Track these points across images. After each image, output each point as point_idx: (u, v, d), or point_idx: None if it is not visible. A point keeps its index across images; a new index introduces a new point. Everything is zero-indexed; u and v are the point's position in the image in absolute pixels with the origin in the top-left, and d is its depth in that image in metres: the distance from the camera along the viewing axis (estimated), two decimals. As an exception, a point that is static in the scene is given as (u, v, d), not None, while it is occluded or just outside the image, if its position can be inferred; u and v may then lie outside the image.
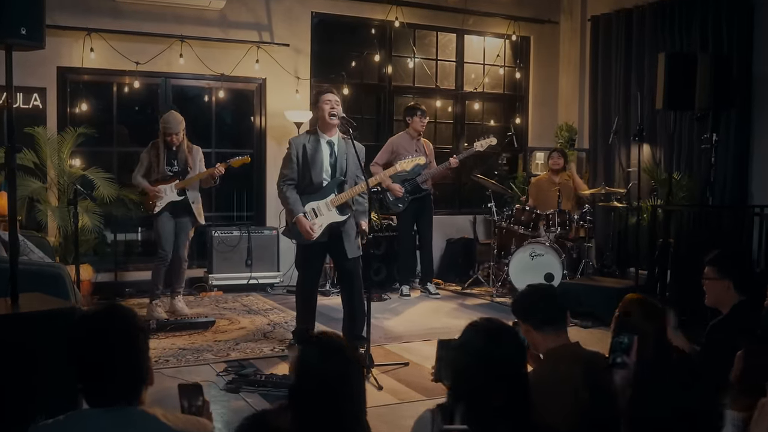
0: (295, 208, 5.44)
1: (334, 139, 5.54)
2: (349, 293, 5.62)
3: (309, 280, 5.71)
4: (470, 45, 9.99)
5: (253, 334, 6.25)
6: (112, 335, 2.16)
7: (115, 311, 2.25)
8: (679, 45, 8.41)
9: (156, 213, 6.83)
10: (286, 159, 5.58)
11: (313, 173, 5.46)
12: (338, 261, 5.64)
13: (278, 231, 8.49)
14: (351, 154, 5.55)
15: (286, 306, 7.55)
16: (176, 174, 6.88)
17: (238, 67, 8.38)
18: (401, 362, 5.40)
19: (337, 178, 5.51)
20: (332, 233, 5.50)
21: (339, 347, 2.29)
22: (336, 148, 5.54)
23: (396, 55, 9.52)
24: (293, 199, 5.46)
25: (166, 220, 6.87)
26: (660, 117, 8.73)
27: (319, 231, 5.46)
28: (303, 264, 5.69)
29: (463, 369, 2.46)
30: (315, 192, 5.49)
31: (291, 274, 8.49)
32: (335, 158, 5.52)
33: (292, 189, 5.49)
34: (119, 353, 2.15)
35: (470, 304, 7.85)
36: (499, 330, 2.59)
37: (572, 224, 8.26)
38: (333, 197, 5.46)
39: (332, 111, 5.41)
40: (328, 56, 9.17)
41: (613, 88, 9.39)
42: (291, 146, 5.54)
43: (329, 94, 5.48)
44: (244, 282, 8.28)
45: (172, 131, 6.77)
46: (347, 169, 5.53)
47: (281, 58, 8.62)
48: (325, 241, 5.52)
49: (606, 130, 9.55)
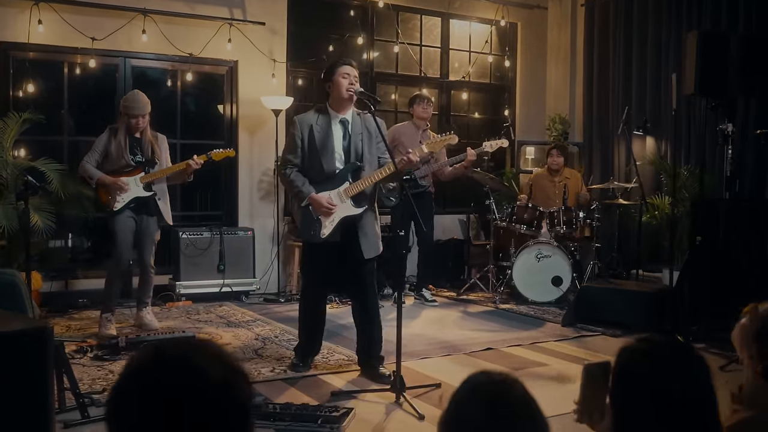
0: (304, 188, 4.54)
1: (348, 116, 4.66)
2: (362, 304, 4.72)
3: (316, 288, 4.82)
4: (456, 31, 9.22)
5: (243, 352, 5.31)
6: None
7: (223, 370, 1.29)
8: (687, 28, 7.79)
9: (115, 210, 5.77)
10: (289, 142, 4.66)
11: (323, 159, 4.56)
12: (350, 265, 4.72)
13: (253, 232, 7.54)
14: (369, 134, 4.68)
15: (269, 317, 6.63)
16: (141, 165, 5.86)
17: (207, 47, 7.41)
18: (432, 384, 4.55)
19: (352, 163, 4.61)
20: (346, 230, 4.61)
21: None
22: (350, 127, 4.65)
23: (379, 39, 8.68)
24: (300, 180, 4.56)
25: (127, 220, 5.83)
26: (665, 107, 8.11)
27: (330, 227, 4.57)
28: (310, 268, 4.79)
29: (636, 406, 1.78)
30: (325, 181, 4.59)
31: (268, 281, 7.60)
32: (349, 140, 4.63)
33: (297, 172, 4.59)
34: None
35: (474, 312, 7.04)
36: (685, 352, 1.88)
37: (579, 223, 7.55)
38: (347, 186, 4.57)
39: (350, 87, 4.54)
40: (306, 38, 8.26)
41: (612, 78, 8.75)
42: (296, 126, 4.61)
43: (347, 66, 4.59)
44: (217, 290, 7.30)
45: (138, 112, 5.77)
46: (364, 152, 4.64)
47: (256, 38, 7.68)
48: (337, 241, 4.62)
49: (602, 122, 8.93)
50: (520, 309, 7.15)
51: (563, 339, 5.93)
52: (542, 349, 5.59)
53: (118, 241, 5.80)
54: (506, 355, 5.38)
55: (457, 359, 5.25)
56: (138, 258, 6.01)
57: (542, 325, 6.46)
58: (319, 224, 4.54)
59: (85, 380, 4.46)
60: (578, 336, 6.03)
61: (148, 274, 6.03)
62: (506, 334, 6.08)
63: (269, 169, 7.86)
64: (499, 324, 6.49)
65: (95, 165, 5.79)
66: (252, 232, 7.53)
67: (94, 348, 5.21)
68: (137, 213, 5.86)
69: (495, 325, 6.45)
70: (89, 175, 5.79)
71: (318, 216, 4.53)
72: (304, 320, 4.87)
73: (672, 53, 7.96)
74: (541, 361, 5.23)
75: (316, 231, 4.56)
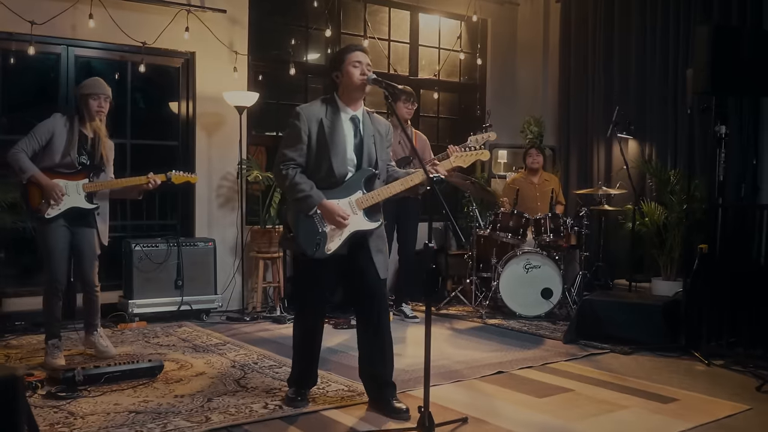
0: (313, 193, 3.79)
1: (359, 113, 3.99)
2: (375, 328, 4.02)
3: (314, 310, 4.09)
4: (425, 26, 8.63)
5: (222, 383, 4.56)
6: None
7: None
8: (674, 25, 7.41)
9: (48, 218, 4.86)
10: (291, 136, 3.91)
11: (334, 160, 3.85)
12: (359, 282, 4.02)
13: (214, 243, 6.77)
14: (381, 136, 4.03)
15: (238, 338, 5.89)
16: (86, 169, 4.99)
17: (162, 36, 6.62)
18: (458, 419, 3.90)
19: (365, 169, 3.93)
20: (355, 243, 3.93)
21: None
22: (362, 126, 3.98)
23: (346, 33, 8.01)
24: (307, 183, 3.81)
25: (60, 229, 4.93)
26: (650, 108, 7.71)
27: (338, 242, 3.88)
28: (307, 287, 4.05)
29: None
30: (333, 187, 3.89)
31: (229, 297, 6.85)
32: (361, 141, 3.94)
33: (301, 173, 3.88)
34: None
35: (463, 329, 6.44)
36: None
37: (566, 230, 7.05)
38: (360, 196, 3.89)
39: (363, 77, 3.88)
40: (269, 29, 7.54)
41: (591, 78, 8.30)
42: (301, 118, 3.89)
43: (359, 52, 3.93)
44: (174, 308, 6.50)
45: (102, 91, 4.93)
46: (377, 155, 3.98)
47: (216, 27, 6.93)
48: (344, 254, 3.93)
49: (579, 124, 8.47)
50: (510, 324, 6.58)
51: (573, 358, 5.38)
52: (556, 371, 5.02)
53: (52, 255, 4.91)
54: (522, 380, 4.79)
55: (471, 386, 4.63)
56: (79, 276, 5.17)
57: (542, 343, 5.91)
58: (324, 238, 3.84)
59: (43, 426, 3.65)
60: (588, 355, 5.49)
61: (93, 293, 5.17)
62: (508, 353, 5.50)
63: (230, 173, 7.10)
64: (496, 342, 5.90)
65: (30, 156, 4.81)
66: (213, 243, 6.76)
67: (45, 383, 4.38)
68: (72, 223, 4.98)
69: (491, 343, 5.86)
70: (21, 168, 4.77)
71: (324, 228, 3.84)
72: (301, 347, 4.14)
73: (658, 52, 7.56)
74: (564, 385, 4.65)
75: (320, 245, 3.85)
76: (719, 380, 4.85)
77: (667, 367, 5.19)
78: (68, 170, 4.91)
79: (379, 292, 3.97)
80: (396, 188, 3.89)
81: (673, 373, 5.00)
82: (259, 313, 6.81)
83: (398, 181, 3.91)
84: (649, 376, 4.93)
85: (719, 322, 5.51)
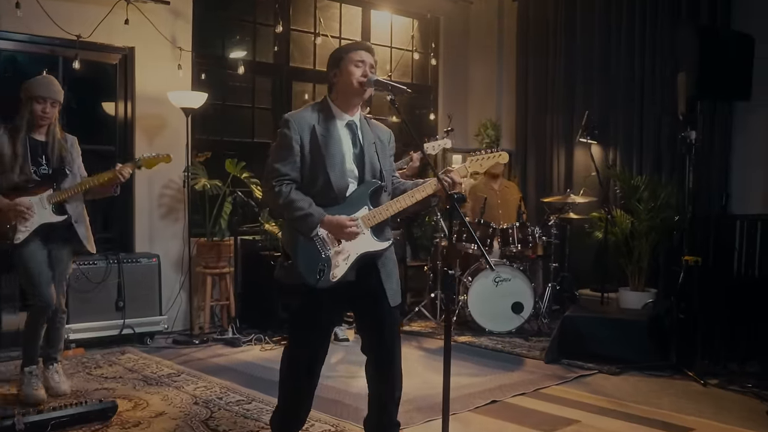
0: (313, 210, 3.23)
1: (356, 119, 3.46)
2: (388, 361, 3.43)
3: (311, 348, 3.44)
4: (377, 23, 8.17)
5: (189, 426, 3.98)
6: None
7: None
8: (641, 25, 7.17)
9: (17, 244, 4.24)
10: (282, 147, 3.34)
11: (331, 172, 3.31)
12: (369, 312, 3.43)
13: (159, 259, 6.13)
14: (382, 144, 3.52)
15: (192, 366, 5.30)
16: (48, 179, 4.36)
17: (99, 28, 5.94)
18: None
19: (370, 181, 3.40)
20: (363, 268, 3.39)
21: None
22: (360, 133, 3.46)
23: (296, 29, 7.46)
24: (305, 201, 3.25)
25: (39, 251, 4.33)
26: (615, 113, 7.46)
27: (344, 267, 3.30)
28: (310, 324, 3.40)
29: None
30: (333, 203, 3.33)
31: (174, 317, 6.23)
32: (361, 149, 3.41)
33: (297, 189, 3.32)
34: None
35: (434, 349, 6.00)
36: None
37: (535, 240, 6.72)
38: (366, 212, 3.34)
39: (363, 79, 3.36)
40: (213, 24, 6.92)
41: (551, 81, 8.00)
42: (291, 127, 3.33)
43: (362, 51, 3.38)
44: (115, 332, 5.83)
45: (49, 95, 4.31)
46: (381, 164, 3.47)
47: (158, 20, 6.29)
48: (352, 281, 3.40)
49: (539, 128, 8.16)
50: (481, 342, 6.19)
51: (564, 382, 5.01)
52: (552, 398, 4.64)
53: (35, 277, 4.30)
54: (520, 411, 4.37)
55: (468, 421, 4.20)
56: None
57: (523, 363, 5.53)
58: (328, 263, 3.27)
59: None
60: (577, 377, 5.14)
61: (58, 320, 4.55)
62: (493, 378, 5.09)
63: (173, 181, 6.47)
64: (474, 364, 5.49)
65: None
66: (157, 259, 6.11)
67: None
68: (47, 241, 4.38)
69: (470, 366, 5.44)
70: None
71: (327, 252, 3.28)
72: (292, 384, 3.52)
73: (623, 54, 7.31)
74: (567, 415, 4.27)
75: (324, 272, 3.27)
76: (723, 403, 4.56)
77: (663, 388, 4.89)
78: (29, 185, 4.29)
79: (392, 324, 3.43)
80: (407, 201, 3.37)
81: (673, 396, 4.69)
82: (209, 335, 6.20)
83: (408, 193, 3.39)
84: (649, 400, 4.60)
85: (711, 339, 5.24)
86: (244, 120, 7.26)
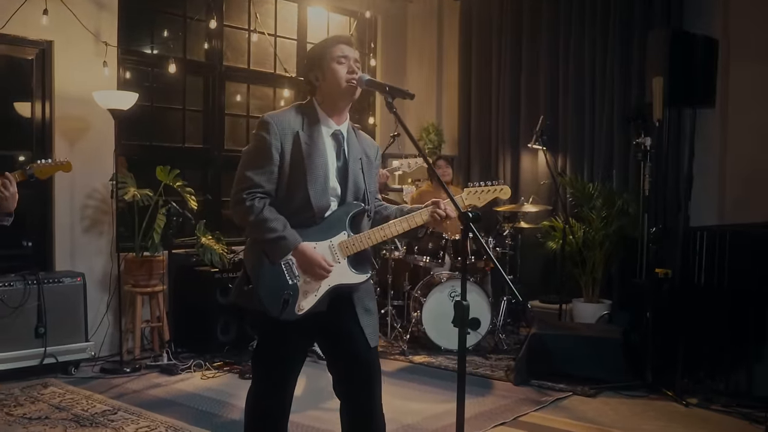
0: (288, 234, 2.75)
1: (343, 128, 2.99)
2: (366, 404, 2.94)
3: (279, 386, 2.96)
4: (314, 21, 7.68)
5: (140, 480, 3.44)
6: None
7: None
8: (590, 28, 6.97)
9: None
10: (258, 153, 2.82)
11: (312, 189, 2.82)
12: (343, 352, 2.93)
13: (84, 278, 5.48)
14: (369, 160, 3.04)
15: (127, 401, 4.72)
16: None
17: (14, 19, 5.26)
18: None
19: (352, 203, 2.92)
20: (336, 300, 2.91)
21: None
22: (347, 144, 2.99)
23: (229, 26, 6.90)
24: (279, 221, 2.76)
25: None
26: (564, 118, 7.23)
27: (313, 300, 2.83)
28: (273, 355, 2.92)
29: None
30: (309, 225, 2.84)
31: (101, 342, 5.62)
32: (345, 164, 2.93)
33: (269, 205, 2.82)
34: None
35: (392, 371, 5.57)
36: None
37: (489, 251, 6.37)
38: (344, 239, 2.88)
39: (351, 76, 2.90)
40: (139, 17, 6.30)
41: (496, 85, 7.71)
42: (271, 130, 2.82)
43: (343, 45, 2.92)
44: (35, 362, 5.15)
45: None
46: (366, 184, 3.00)
47: (80, 12, 5.64)
48: (323, 311, 2.93)
49: (483, 133, 7.87)
50: (440, 362, 5.82)
51: (541, 407, 4.69)
52: (535, 428, 4.31)
53: None
54: (506, 444, 4.02)
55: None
56: None
57: (491, 386, 5.19)
58: (295, 293, 2.80)
59: None
60: (554, 400, 4.82)
61: None
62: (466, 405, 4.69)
63: (97, 191, 5.83)
64: (439, 388, 5.11)
65: None
66: (82, 278, 5.46)
67: None
68: None
69: (434, 390, 5.06)
70: None
71: (295, 280, 2.81)
72: (260, 428, 3.06)
73: (572, 57, 7.08)
74: (558, 449, 3.94)
75: (289, 303, 2.80)
76: (711, 426, 4.33)
77: (646, 410, 4.64)
78: None
79: (370, 366, 2.94)
80: (393, 230, 2.89)
81: (660, 420, 4.44)
82: (141, 362, 5.59)
83: (396, 221, 2.90)
84: (638, 425, 4.35)
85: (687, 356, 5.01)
86: (174, 123, 6.66)
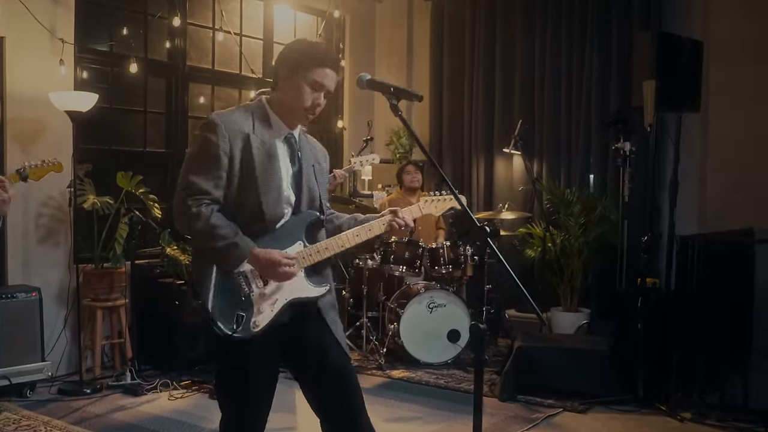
0: (238, 240, 2.49)
1: (296, 133, 2.71)
2: (348, 416, 2.65)
3: (250, 410, 2.65)
4: (280, 20, 7.38)
5: None
6: None
7: None
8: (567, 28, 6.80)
9: None
10: (204, 157, 2.53)
11: (264, 196, 2.56)
12: (318, 366, 2.64)
13: (39, 293, 5.09)
14: (321, 167, 2.80)
15: (89, 426, 4.41)
16: None
17: (-39, 13, 4.87)
18: None
19: (307, 212, 2.68)
20: (300, 312, 2.63)
21: None
22: (300, 150, 2.72)
23: (193, 24, 6.56)
24: (229, 228, 2.50)
25: None
26: (540, 122, 7.05)
27: (270, 315, 2.53)
28: (239, 375, 2.62)
29: None
30: (261, 235, 2.58)
31: (59, 360, 5.25)
32: (300, 170, 2.69)
33: (219, 212, 2.53)
34: None
35: (371, 387, 5.30)
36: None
37: (466, 261, 6.18)
38: (300, 249, 2.63)
39: (313, 109, 2.63)
40: (98, 14, 5.93)
41: (469, 88, 7.49)
42: (218, 131, 2.52)
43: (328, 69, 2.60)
44: (-13, 385, 4.77)
45: None
46: (321, 192, 2.76)
47: (33, 6, 5.25)
48: (285, 322, 2.62)
49: (455, 138, 7.65)
50: (420, 377, 5.56)
51: (533, 425, 4.46)
52: (530, 449, 4.08)
53: None
54: (504, 469, 3.78)
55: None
56: None
57: (476, 402, 4.93)
58: (250, 307, 2.53)
59: None
60: (545, 417, 4.60)
61: None
62: (453, 425, 4.47)
63: (53, 198, 5.44)
64: (421, 406, 4.85)
65: None
66: (38, 292, 5.07)
67: None
68: None
69: (417, 408, 4.81)
70: None
71: (250, 291, 2.55)
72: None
73: (549, 59, 6.90)
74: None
75: (244, 320, 2.51)
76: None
77: (639, 426, 4.46)
78: None
79: (339, 362, 2.65)
80: (351, 241, 2.64)
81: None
82: (102, 381, 5.22)
83: (353, 231, 2.65)
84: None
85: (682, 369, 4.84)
86: (135, 126, 6.29)
